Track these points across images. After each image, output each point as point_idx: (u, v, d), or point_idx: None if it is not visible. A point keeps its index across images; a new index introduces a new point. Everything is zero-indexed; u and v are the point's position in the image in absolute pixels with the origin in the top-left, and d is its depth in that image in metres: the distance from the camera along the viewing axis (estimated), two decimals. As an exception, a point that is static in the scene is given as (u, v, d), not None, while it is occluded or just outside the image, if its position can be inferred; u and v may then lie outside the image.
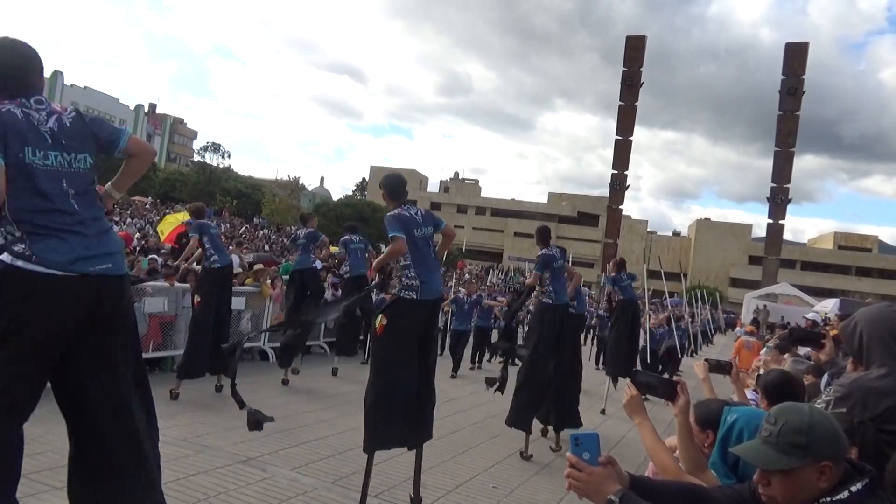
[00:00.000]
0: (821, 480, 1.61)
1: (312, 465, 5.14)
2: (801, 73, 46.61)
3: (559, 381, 6.65)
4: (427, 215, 4.56)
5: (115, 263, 2.50)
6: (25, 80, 2.44)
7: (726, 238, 73.80)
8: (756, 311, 35.35)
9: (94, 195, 2.55)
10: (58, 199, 2.38)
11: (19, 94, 2.41)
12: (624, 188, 49.45)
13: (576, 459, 1.75)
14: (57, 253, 2.33)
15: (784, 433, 1.64)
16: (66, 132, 2.44)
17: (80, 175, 2.47)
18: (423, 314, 4.42)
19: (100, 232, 2.48)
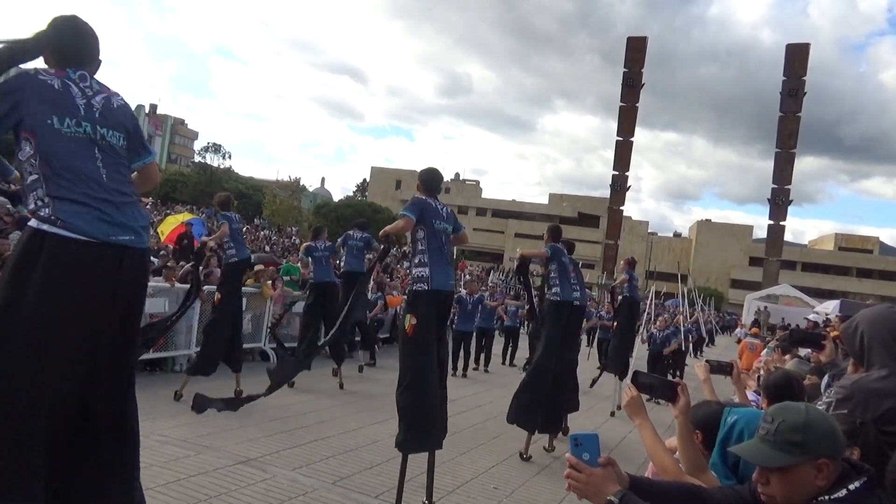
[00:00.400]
0: (818, 478, 1.61)
1: (313, 465, 5.14)
2: (802, 75, 46.57)
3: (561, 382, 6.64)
4: (450, 214, 4.68)
5: (138, 237, 2.49)
6: (78, 54, 2.53)
7: (727, 239, 73.80)
8: (757, 312, 35.32)
9: (125, 171, 2.58)
10: (86, 167, 2.42)
11: (68, 65, 2.49)
12: (625, 189, 49.39)
13: (575, 460, 1.75)
14: (80, 218, 2.34)
15: (781, 431, 1.65)
16: (108, 110, 2.51)
17: (113, 149, 2.52)
18: (436, 305, 4.45)
19: (124, 203, 2.49)
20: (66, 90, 2.43)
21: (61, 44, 2.51)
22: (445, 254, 4.56)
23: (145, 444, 5.15)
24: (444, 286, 4.47)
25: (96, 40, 2.62)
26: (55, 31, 2.52)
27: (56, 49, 2.50)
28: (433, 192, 4.70)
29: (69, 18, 2.57)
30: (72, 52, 2.52)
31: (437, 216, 4.53)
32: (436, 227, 4.50)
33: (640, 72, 48.93)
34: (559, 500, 5.07)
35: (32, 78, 2.39)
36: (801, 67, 46.55)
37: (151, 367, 8.28)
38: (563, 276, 6.56)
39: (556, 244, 6.69)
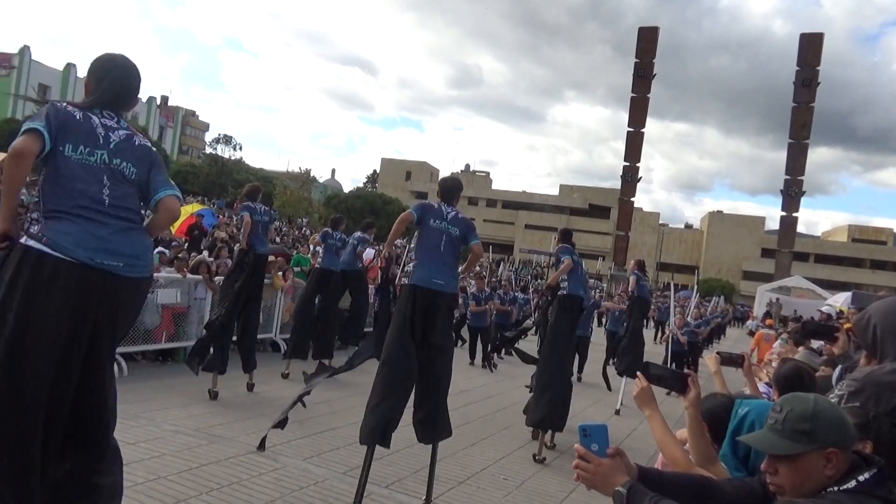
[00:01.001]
0: (827, 468, 1.61)
1: (324, 455, 5.18)
2: (815, 65, 46.07)
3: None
4: (460, 220, 4.64)
5: (129, 265, 2.52)
6: (123, 101, 2.72)
7: (739, 231, 73.27)
8: (769, 304, 35.12)
9: (132, 199, 2.63)
10: (89, 191, 2.50)
11: (106, 107, 2.65)
12: (636, 180, 49.16)
13: (584, 451, 1.76)
14: (66, 238, 2.42)
15: (789, 420, 1.65)
16: (128, 145, 2.63)
17: (125, 179, 2.60)
18: (413, 299, 4.38)
19: (125, 229, 2.54)
20: (87, 121, 2.56)
21: (112, 89, 2.67)
22: (438, 252, 4.50)
23: (158, 433, 5.22)
24: (425, 282, 4.41)
25: (138, 88, 2.77)
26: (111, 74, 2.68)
27: (94, 93, 2.66)
28: (448, 199, 4.77)
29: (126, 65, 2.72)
30: (108, 99, 2.67)
31: (438, 216, 4.57)
32: (432, 225, 4.52)
33: (652, 62, 48.56)
34: (568, 492, 5.08)
35: (60, 110, 2.53)
36: (815, 57, 46.04)
37: (164, 357, 8.35)
38: (573, 274, 6.72)
39: (567, 244, 6.94)
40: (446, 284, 4.48)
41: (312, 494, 4.31)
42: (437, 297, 4.43)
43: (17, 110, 54.32)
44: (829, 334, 3.75)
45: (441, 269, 4.48)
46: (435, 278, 4.43)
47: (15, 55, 57.27)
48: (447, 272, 4.53)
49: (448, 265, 4.55)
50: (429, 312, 4.41)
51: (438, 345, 4.47)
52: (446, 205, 4.71)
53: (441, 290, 4.44)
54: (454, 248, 4.60)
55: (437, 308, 4.43)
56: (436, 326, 4.45)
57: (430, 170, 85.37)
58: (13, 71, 56.57)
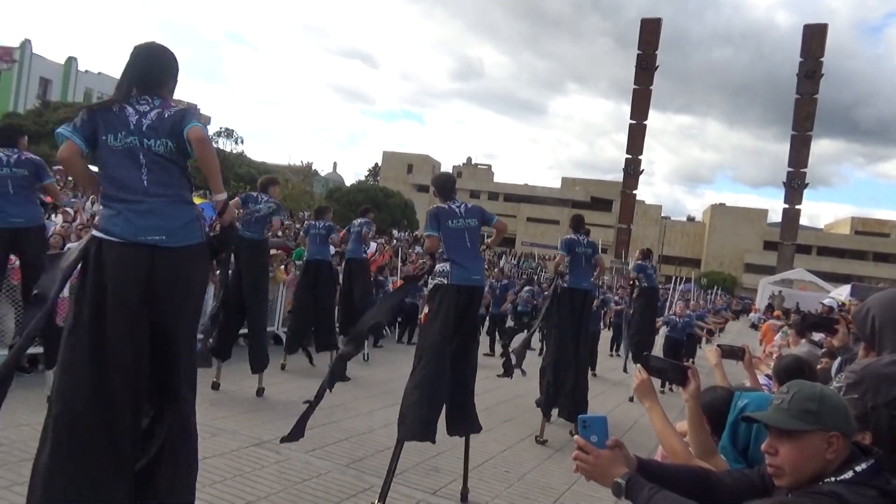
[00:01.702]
0: (828, 452, 1.62)
1: (326, 448, 5.20)
2: (819, 56, 45.88)
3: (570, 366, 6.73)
4: (471, 210, 4.79)
5: (171, 236, 2.71)
6: (145, 82, 2.85)
7: (741, 223, 73.09)
8: (771, 296, 35.14)
9: (173, 173, 2.80)
10: (129, 176, 2.74)
11: (143, 93, 2.83)
12: (638, 173, 49.11)
13: (584, 442, 1.77)
14: (112, 222, 2.70)
15: (796, 399, 1.67)
16: (159, 122, 2.77)
17: (160, 156, 2.76)
18: (457, 299, 4.51)
19: (161, 205, 2.73)
20: (122, 111, 2.78)
21: (131, 76, 2.85)
22: (466, 249, 4.64)
23: (161, 426, 5.23)
24: (464, 280, 4.55)
25: (167, 65, 2.93)
26: (129, 63, 2.87)
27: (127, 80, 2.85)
28: (448, 195, 4.86)
29: (141, 49, 2.89)
30: (151, 81, 2.86)
31: (452, 216, 4.71)
32: (451, 226, 4.68)
33: (654, 54, 48.42)
34: (570, 484, 5.10)
35: (94, 108, 2.81)
36: (819, 49, 45.84)
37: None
38: (574, 268, 6.85)
39: (572, 236, 7.00)
40: (482, 278, 4.76)
41: (315, 487, 4.34)
42: (476, 292, 4.69)
43: (18, 104, 54.32)
44: (830, 327, 3.75)
45: (475, 264, 4.68)
46: (473, 275, 4.61)
47: (16, 49, 57.10)
48: (480, 266, 4.79)
49: (479, 259, 4.82)
50: (468, 308, 4.61)
51: (473, 336, 4.78)
52: (452, 202, 4.79)
53: (479, 285, 4.73)
54: (477, 239, 4.80)
55: (474, 302, 4.68)
56: (471, 320, 4.69)
57: (431, 163, 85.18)
58: (14, 65, 56.46)
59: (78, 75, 61.96)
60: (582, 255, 6.89)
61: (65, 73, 61.07)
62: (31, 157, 5.17)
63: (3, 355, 6.10)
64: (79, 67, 62.47)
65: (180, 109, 2.83)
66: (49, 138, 34.24)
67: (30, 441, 4.33)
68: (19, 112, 49.95)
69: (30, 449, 3.07)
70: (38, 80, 58.67)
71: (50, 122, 45.34)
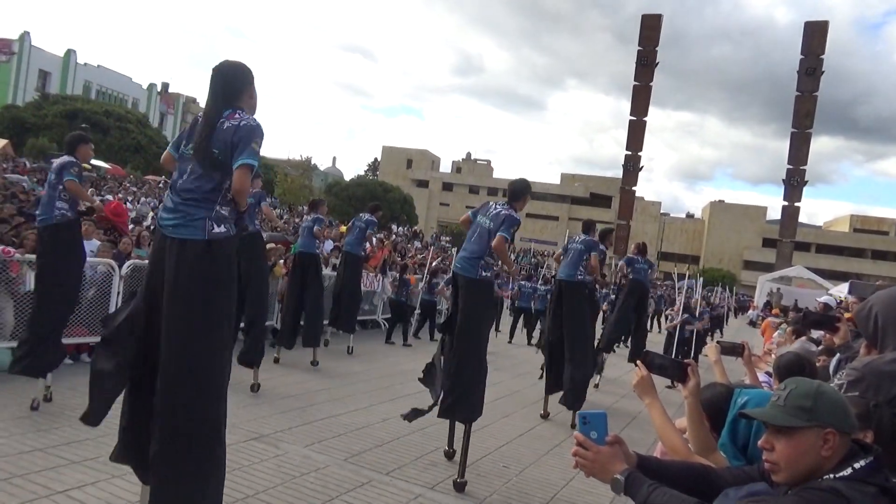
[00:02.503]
0: (823, 448, 1.62)
1: (325, 442, 5.20)
2: (820, 53, 45.76)
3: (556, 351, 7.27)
4: (497, 216, 5.09)
5: (177, 227, 2.90)
6: (224, 98, 3.05)
7: (740, 220, 73.11)
8: (770, 294, 35.16)
9: (198, 175, 2.97)
10: (176, 177, 3.05)
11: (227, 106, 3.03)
12: (637, 169, 49.03)
13: (583, 438, 1.77)
14: (159, 215, 3.10)
15: (792, 396, 1.68)
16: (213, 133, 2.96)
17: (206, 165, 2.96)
18: (454, 284, 5.19)
19: (183, 200, 2.95)
20: (195, 122, 3.12)
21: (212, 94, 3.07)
22: (470, 241, 5.13)
23: (160, 419, 5.22)
24: (453, 266, 5.15)
25: (239, 81, 3.10)
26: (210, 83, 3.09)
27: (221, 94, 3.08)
28: (511, 198, 5.35)
29: (216, 69, 3.11)
30: (230, 96, 3.06)
31: (483, 211, 5.23)
32: (477, 219, 5.21)
33: (655, 50, 48.29)
34: (568, 479, 5.11)
35: (191, 123, 3.18)
36: (820, 46, 45.73)
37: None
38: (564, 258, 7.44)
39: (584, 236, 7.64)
40: (462, 266, 5.13)
41: (314, 481, 4.34)
42: (458, 279, 5.15)
43: (17, 97, 54.17)
44: (831, 325, 3.75)
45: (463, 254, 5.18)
46: (457, 262, 5.22)
47: (15, 41, 56.95)
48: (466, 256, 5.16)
49: (473, 251, 5.12)
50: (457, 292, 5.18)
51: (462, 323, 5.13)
52: (502, 205, 5.24)
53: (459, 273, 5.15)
54: (485, 238, 5.08)
55: (458, 288, 5.18)
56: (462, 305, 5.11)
57: (431, 158, 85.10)
58: (13, 57, 56.30)
59: (77, 68, 61.80)
60: (569, 248, 7.38)
61: (64, 65, 60.94)
62: (61, 160, 5.33)
63: (3, 348, 6.10)
64: (78, 60, 62.31)
65: (234, 124, 2.95)
66: (48, 131, 34.15)
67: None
68: (18, 104, 49.85)
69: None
70: (38, 73, 58.54)
71: (49, 115, 45.35)
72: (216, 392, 2.90)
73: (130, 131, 46.47)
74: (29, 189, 16.42)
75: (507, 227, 4.96)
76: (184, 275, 2.85)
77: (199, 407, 2.83)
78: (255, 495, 3.99)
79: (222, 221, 2.95)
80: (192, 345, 2.84)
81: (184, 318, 2.84)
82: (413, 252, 22.55)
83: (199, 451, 2.82)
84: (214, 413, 2.88)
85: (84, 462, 4.12)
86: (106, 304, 6.78)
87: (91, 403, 3.07)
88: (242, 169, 2.89)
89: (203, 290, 2.86)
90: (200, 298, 2.85)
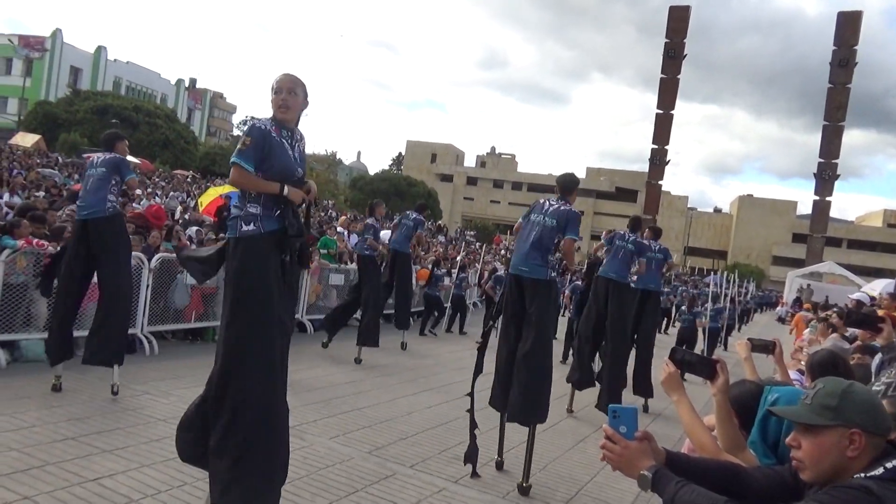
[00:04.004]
0: (849, 449, 1.60)
1: (349, 434, 5.24)
2: (853, 44, 44.75)
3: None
4: (559, 212, 4.97)
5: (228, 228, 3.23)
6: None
7: (770, 215, 71.86)
8: (799, 290, 34.54)
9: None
10: None
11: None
12: (664, 163, 48.48)
13: (612, 432, 1.75)
14: None
15: (818, 396, 1.68)
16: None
17: None
18: (510, 287, 5.04)
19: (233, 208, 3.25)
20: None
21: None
22: (523, 241, 5.00)
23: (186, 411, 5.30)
24: (512, 268, 5.04)
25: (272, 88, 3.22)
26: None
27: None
28: (563, 193, 5.18)
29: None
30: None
31: (536, 209, 5.09)
32: (530, 218, 5.07)
33: (682, 42, 47.66)
34: (593, 475, 5.08)
35: None
36: (853, 36, 44.73)
37: (193, 336, 8.49)
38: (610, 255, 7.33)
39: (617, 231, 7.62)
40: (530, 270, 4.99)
41: (338, 473, 4.36)
42: (523, 281, 5.02)
43: (49, 93, 55.23)
44: (874, 325, 3.66)
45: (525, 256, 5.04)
46: (520, 265, 5.03)
47: (48, 38, 58.02)
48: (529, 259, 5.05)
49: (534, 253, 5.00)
50: (519, 295, 5.04)
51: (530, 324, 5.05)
52: (557, 199, 5.12)
53: (523, 275, 5.00)
54: (548, 238, 4.96)
55: (523, 290, 5.05)
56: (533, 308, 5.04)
57: (455, 152, 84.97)
58: (46, 54, 57.36)
59: (107, 64, 62.78)
60: (622, 250, 7.21)
61: (94, 61, 61.93)
62: (113, 157, 5.51)
63: (35, 339, 6.24)
64: (108, 56, 63.29)
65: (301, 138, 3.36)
66: (79, 126, 34.63)
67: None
68: (50, 100, 50.81)
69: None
70: (69, 69, 59.56)
71: (80, 111, 46.16)
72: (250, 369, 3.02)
73: (159, 126, 47.09)
74: (61, 183, 16.75)
75: (575, 226, 4.99)
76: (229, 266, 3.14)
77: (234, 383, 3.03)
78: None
79: (251, 220, 3.07)
80: (229, 327, 3.06)
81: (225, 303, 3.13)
82: (437, 247, 22.52)
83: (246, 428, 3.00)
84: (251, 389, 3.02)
85: (114, 451, 4.19)
86: (136, 296, 6.88)
87: None
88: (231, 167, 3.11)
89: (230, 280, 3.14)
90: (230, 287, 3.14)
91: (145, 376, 6.06)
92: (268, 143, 3.08)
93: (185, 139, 49.82)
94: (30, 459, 3.87)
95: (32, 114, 46.32)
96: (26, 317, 6.24)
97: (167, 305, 7.92)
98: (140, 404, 5.28)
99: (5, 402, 4.88)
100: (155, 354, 7.19)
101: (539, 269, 4.89)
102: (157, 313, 7.61)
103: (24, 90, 49.03)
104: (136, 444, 4.38)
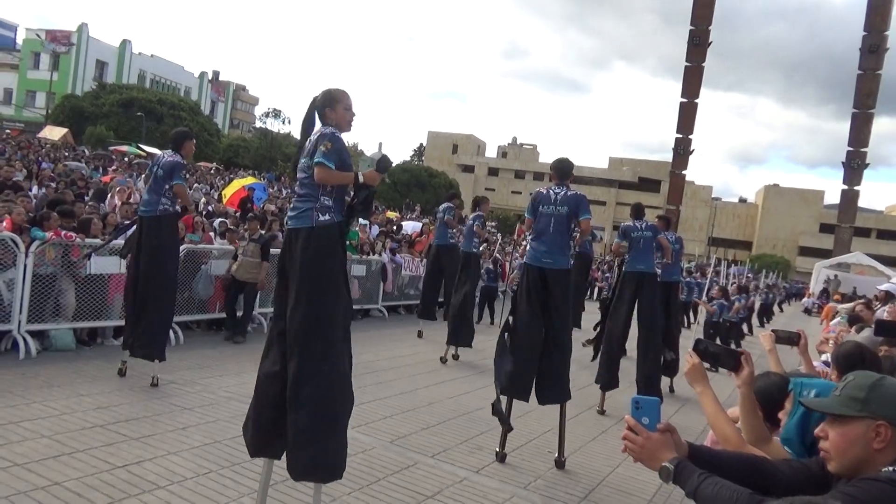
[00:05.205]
0: (875, 441, 1.59)
1: (371, 424, 5.27)
2: (884, 30, 43.63)
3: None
4: (567, 198, 5.11)
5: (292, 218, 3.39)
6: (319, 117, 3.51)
7: (796, 205, 70.68)
8: (826, 281, 34.00)
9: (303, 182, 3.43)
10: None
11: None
12: (688, 153, 47.78)
13: (634, 423, 1.74)
14: None
15: (847, 388, 1.70)
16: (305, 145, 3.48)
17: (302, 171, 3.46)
18: (528, 277, 5.09)
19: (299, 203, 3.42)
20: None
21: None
22: (549, 234, 5.08)
23: (213, 399, 5.40)
24: (534, 261, 5.11)
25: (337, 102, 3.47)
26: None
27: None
28: (562, 179, 5.27)
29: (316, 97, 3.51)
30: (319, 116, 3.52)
31: (546, 202, 5.15)
32: (541, 211, 5.16)
33: (708, 30, 46.83)
34: (614, 467, 5.06)
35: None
36: (883, 22, 43.62)
37: (218, 326, 8.59)
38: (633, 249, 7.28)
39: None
40: (554, 261, 5.12)
41: (360, 462, 4.40)
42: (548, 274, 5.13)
43: (76, 87, 56.05)
44: None
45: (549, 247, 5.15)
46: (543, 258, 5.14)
47: (74, 33, 58.82)
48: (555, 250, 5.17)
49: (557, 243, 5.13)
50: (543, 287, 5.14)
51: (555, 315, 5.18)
52: (557, 186, 5.22)
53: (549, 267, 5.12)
54: (564, 226, 5.10)
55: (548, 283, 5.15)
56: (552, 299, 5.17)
57: (476, 143, 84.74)
58: (72, 48, 58.18)
59: (132, 58, 63.50)
60: (641, 240, 7.15)
61: (119, 55, 62.67)
62: (172, 160, 5.70)
63: (63, 328, 6.38)
64: (133, 50, 64.00)
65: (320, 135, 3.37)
66: (105, 119, 35.12)
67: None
68: (77, 94, 51.58)
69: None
70: (95, 63, 60.35)
71: (106, 104, 46.82)
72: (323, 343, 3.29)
73: (183, 119, 47.56)
74: (87, 176, 17.01)
75: (586, 207, 5.14)
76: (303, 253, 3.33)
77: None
78: (304, 475, 4.06)
79: (326, 211, 3.34)
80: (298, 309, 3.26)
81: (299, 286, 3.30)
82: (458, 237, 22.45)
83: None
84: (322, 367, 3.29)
85: (141, 438, 4.27)
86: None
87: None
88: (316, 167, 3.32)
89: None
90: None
91: (171, 366, 6.15)
92: (343, 149, 3.42)
93: (209, 131, 50.27)
94: (59, 446, 3.96)
95: (60, 107, 47.07)
96: (55, 307, 6.38)
97: (192, 296, 8.03)
98: (166, 393, 5.37)
99: (35, 391, 5.00)
100: (181, 344, 7.30)
101: (562, 259, 5.11)
102: (182, 304, 7.71)
103: (51, 84, 49.82)
104: (162, 432, 4.46)
